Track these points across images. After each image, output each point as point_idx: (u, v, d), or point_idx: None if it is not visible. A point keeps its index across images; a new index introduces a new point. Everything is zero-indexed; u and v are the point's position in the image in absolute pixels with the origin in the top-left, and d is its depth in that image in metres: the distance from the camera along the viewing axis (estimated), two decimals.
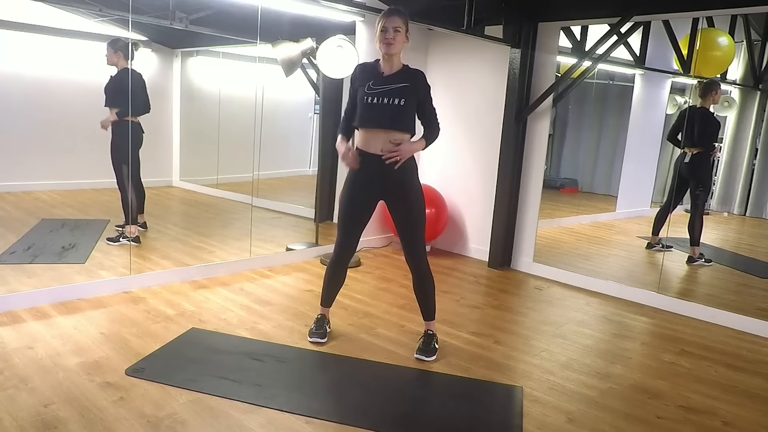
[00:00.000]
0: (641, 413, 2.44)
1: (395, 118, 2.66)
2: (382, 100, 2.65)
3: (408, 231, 2.80)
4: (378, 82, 2.68)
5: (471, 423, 2.31)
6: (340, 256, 2.88)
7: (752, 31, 4.43)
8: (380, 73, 2.71)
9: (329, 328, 3.05)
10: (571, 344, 3.15)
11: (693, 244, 4.41)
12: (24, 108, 4.06)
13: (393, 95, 2.64)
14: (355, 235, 2.84)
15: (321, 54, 4.03)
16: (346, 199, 2.81)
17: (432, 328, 2.93)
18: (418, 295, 2.91)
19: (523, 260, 4.61)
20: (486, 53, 4.65)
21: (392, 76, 2.70)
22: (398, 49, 2.67)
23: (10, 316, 2.97)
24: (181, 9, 4.04)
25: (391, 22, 2.62)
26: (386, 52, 2.66)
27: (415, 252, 2.81)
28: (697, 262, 4.42)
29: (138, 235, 4.26)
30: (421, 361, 2.81)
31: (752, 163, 4.67)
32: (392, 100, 2.64)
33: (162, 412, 2.20)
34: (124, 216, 4.16)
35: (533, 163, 4.50)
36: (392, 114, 2.65)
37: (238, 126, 5.05)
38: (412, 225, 2.79)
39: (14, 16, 3.87)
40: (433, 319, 2.94)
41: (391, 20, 2.62)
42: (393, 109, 2.64)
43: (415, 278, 2.87)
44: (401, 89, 2.66)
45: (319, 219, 4.91)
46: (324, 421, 2.23)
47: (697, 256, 4.42)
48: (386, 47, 2.64)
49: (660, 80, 4.78)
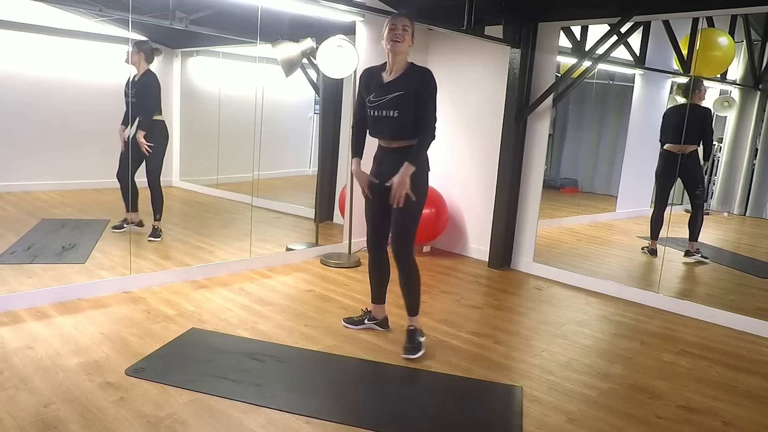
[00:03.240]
0: (641, 413, 2.44)
1: (394, 129, 2.76)
2: (381, 113, 2.76)
3: (395, 222, 2.84)
4: (377, 94, 2.76)
5: (471, 423, 2.31)
6: (374, 254, 3.03)
7: (752, 31, 4.43)
8: (381, 80, 2.77)
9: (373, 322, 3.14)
10: (571, 344, 3.15)
11: (692, 239, 4.41)
12: (24, 108, 4.06)
13: (388, 107, 2.73)
14: (382, 229, 2.94)
15: (321, 54, 4.03)
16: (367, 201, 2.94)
17: (414, 323, 2.95)
18: (401, 288, 2.95)
19: (523, 260, 4.61)
20: (486, 53, 4.65)
21: (391, 84, 2.74)
22: (404, 49, 2.71)
23: (10, 316, 2.98)
24: (181, 9, 4.04)
25: (401, 21, 2.71)
26: (392, 49, 2.69)
27: (397, 244, 2.85)
28: (694, 257, 4.43)
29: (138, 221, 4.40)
30: (409, 360, 2.80)
31: (752, 163, 4.66)
32: (387, 113, 2.73)
33: (162, 412, 2.20)
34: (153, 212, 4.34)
35: (533, 163, 4.50)
36: (391, 125, 2.75)
37: (238, 126, 5.05)
38: (397, 217, 2.82)
39: (14, 16, 3.87)
40: (416, 314, 2.96)
41: (401, 20, 2.71)
42: (390, 122, 2.74)
43: (398, 272, 2.91)
44: (394, 100, 2.71)
45: (319, 219, 4.91)
46: (324, 421, 2.23)
47: (694, 250, 4.42)
48: (393, 44, 2.68)
49: (660, 80, 4.78)
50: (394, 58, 2.73)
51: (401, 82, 2.72)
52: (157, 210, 4.38)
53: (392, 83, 2.73)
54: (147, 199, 4.33)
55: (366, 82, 2.85)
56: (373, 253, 3.04)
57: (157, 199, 4.36)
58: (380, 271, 3.07)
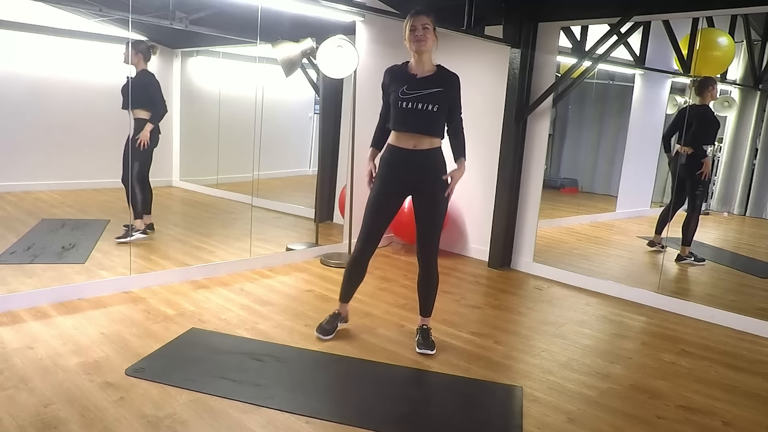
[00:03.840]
0: (641, 413, 2.44)
1: (429, 123, 2.70)
2: (417, 105, 2.67)
3: (427, 225, 2.83)
4: (412, 86, 2.68)
5: (471, 423, 2.31)
6: (362, 252, 2.90)
7: (752, 31, 4.43)
8: (412, 75, 2.71)
9: (344, 322, 3.10)
10: (571, 344, 3.15)
11: (684, 243, 4.40)
12: (24, 108, 4.06)
13: (427, 101, 2.66)
14: (379, 231, 2.87)
15: (321, 54, 4.03)
16: (376, 193, 2.83)
17: (428, 323, 2.98)
18: (421, 290, 2.94)
19: (523, 260, 4.61)
20: (486, 53, 4.65)
21: (426, 80, 2.70)
22: (429, 47, 2.68)
23: (10, 316, 2.97)
24: (181, 9, 4.04)
25: (419, 21, 2.64)
26: (417, 49, 2.66)
27: (429, 247, 2.85)
28: (686, 261, 4.42)
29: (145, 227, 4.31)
30: (425, 355, 2.85)
31: (752, 163, 4.66)
32: (426, 106, 2.66)
33: (162, 412, 2.20)
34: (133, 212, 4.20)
35: (533, 163, 4.50)
36: (426, 120, 2.69)
37: (238, 126, 5.05)
38: (433, 220, 2.82)
39: (14, 16, 3.87)
40: (430, 315, 2.99)
41: (419, 19, 2.65)
42: (427, 115, 2.68)
43: (422, 273, 2.90)
44: (435, 94, 2.67)
45: (319, 219, 4.91)
46: (324, 421, 2.23)
47: (685, 255, 4.42)
48: (417, 44, 2.64)
49: (660, 80, 4.78)
50: (420, 57, 2.70)
51: (437, 80, 2.70)
52: (146, 209, 4.34)
53: (427, 80, 2.70)
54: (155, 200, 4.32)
55: (392, 78, 2.77)
56: (361, 252, 2.90)
57: (145, 198, 4.32)
58: (362, 270, 2.99)
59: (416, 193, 2.82)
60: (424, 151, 2.74)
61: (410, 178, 2.78)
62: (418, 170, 2.76)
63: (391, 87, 2.75)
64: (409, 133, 2.72)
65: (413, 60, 2.73)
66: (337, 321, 3.04)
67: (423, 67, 2.72)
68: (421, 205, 2.83)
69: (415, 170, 2.76)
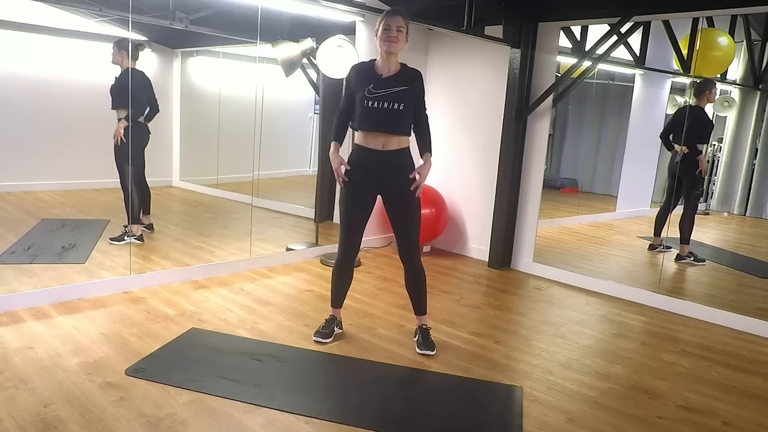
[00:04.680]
0: (641, 413, 2.44)
1: (396, 122, 2.70)
2: (383, 104, 2.67)
3: (403, 226, 2.84)
4: (378, 86, 2.68)
5: (471, 423, 2.31)
6: (345, 255, 2.90)
7: (752, 31, 4.43)
8: (378, 75, 2.71)
9: (340, 329, 3.08)
10: (571, 344, 3.15)
11: (682, 242, 4.41)
12: (24, 108, 4.06)
13: (393, 99, 2.66)
14: (358, 232, 2.85)
15: (321, 54, 4.04)
16: (347, 197, 2.83)
17: (425, 322, 2.98)
18: (411, 290, 2.95)
19: (523, 260, 4.61)
20: (486, 53, 4.65)
21: (391, 79, 2.70)
22: (399, 49, 2.69)
23: (10, 316, 2.97)
24: (181, 9, 4.04)
25: (395, 22, 2.64)
26: (387, 50, 2.66)
27: (409, 247, 2.85)
28: (685, 260, 4.42)
29: (141, 233, 4.27)
30: (425, 355, 2.85)
31: (752, 163, 4.66)
32: (392, 105, 2.66)
33: (162, 412, 2.20)
34: (127, 216, 4.16)
35: (533, 163, 4.50)
36: (393, 119, 2.69)
37: (238, 126, 5.05)
38: (408, 220, 2.82)
39: (14, 16, 3.87)
40: (425, 313, 2.98)
41: (395, 20, 2.65)
42: (393, 114, 2.68)
43: (408, 274, 2.91)
44: (401, 93, 2.67)
45: (319, 219, 4.91)
46: (324, 421, 2.23)
47: (685, 254, 4.42)
48: (388, 45, 2.64)
49: (660, 80, 4.77)
50: (389, 58, 2.70)
51: (402, 79, 2.71)
52: (144, 211, 4.33)
53: (392, 79, 2.70)
54: (154, 200, 4.31)
55: (358, 76, 2.76)
56: (344, 256, 2.89)
57: (143, 200, 4.30)
58: (349, 274, 2.99)
59: (386, 195, 2.81)
60: (393, 152, 2.73)
61: (380, 179, 2.77)
62: (387, 171, 2.75)
63: (357, 86, 2.73)
64: (377, 132, 2.71)
65: (380, 59, 2.72)
66: (333, 325, 3.02)
67: (389, 67, 2.72)
68: (394, 207, 2.83)
69: (384, 170, 2.75)
